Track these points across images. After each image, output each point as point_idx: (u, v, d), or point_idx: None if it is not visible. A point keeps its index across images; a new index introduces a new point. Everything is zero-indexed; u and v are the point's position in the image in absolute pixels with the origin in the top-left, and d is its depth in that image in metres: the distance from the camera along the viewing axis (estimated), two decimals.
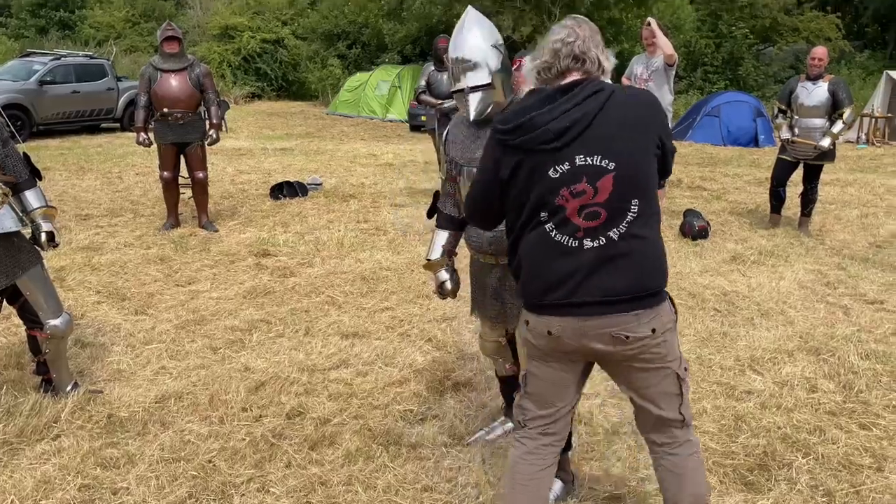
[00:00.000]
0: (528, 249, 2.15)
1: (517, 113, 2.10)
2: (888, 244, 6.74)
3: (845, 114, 6.72)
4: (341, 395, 3.64)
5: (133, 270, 5.62)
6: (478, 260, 2.92)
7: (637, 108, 2.10)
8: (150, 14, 25.74)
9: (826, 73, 6.84)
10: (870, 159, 13.17)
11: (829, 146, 6.75)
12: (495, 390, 3.58)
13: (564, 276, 2.09)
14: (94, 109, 14.61)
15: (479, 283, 2.95)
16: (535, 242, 2.13)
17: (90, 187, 8.95)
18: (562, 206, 2.07)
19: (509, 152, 2.11)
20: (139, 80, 6.70)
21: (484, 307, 2.96)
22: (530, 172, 2.08)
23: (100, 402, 3.54)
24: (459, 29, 2.65)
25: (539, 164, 2.07)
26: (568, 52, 2.11)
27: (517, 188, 2.12)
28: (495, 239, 2.73)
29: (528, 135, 2.05)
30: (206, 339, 4.36)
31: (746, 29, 21.34)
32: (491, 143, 2.19)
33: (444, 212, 3.00)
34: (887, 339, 4.41)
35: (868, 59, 22.80)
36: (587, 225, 2.06)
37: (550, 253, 2.10)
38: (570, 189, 2.05)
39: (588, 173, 2.04)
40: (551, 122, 2.03)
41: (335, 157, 12.05)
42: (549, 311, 2.13)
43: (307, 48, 24.32)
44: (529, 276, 2.17)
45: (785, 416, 3.47)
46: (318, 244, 6.44)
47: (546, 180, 2.06)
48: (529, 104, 2.10)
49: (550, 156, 2.05)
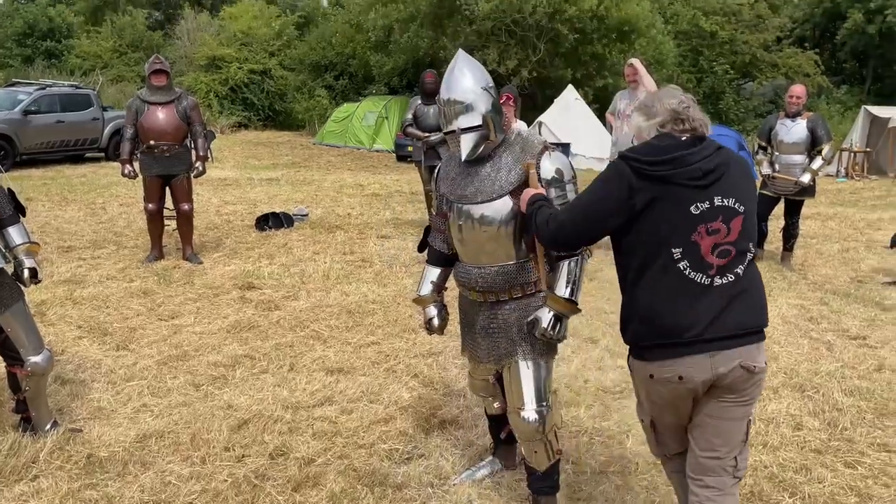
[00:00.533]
0: (654, 288, 2.21)
1: (660, 149, 2.22)
2: (869, 279, 6.82)
3: (824, 150, 6.86)
4: (326, 434, 3.60)
5: (115, 304, 5.56)
6: (466, 297, 2.90)
7: (747, 165, 2.36)
8: (137, 44, 25.88)
9: (804, 110, 6.99)
10: (850, 193, 13.39)
11: (810, 182, 6.87)
12: (482, 428, 3.56)
13: (700, 312, 2.18)
14: (78, 139, 14.58)
15: (468, 321, 2.94)
16: (664, 280, 2.20)
17: (73, 218, 8.88)
18: (696, 243, 2.17)
19: (649, 183, 2.18)
20: (126, 112, 6.70)
21: (472, 345, 2.93)
22: (671, 206, 2.18)
23: (79, 441, 3.48)
24: (451, 71, 2.69)
25: (682, 198, 2.18)
26: (690, 114, 2.27)
27: (650, 220, 2.19)
28: (483, 275, 2.73)
29: (678, 169, 2.18)
30: (189, 375, 4.30)
31: (727, 64, 21.84)
32: (622, 172, 2.22)
33: (434, 248, 3.00)
34: (870, 376, 4.43)
35: (846, 94, 23.33)
36: (719, 262, 2.18)
37: (682, 290, 2.18)
38: (707, 226, 2.18)
39: (724, 213, 2.19)
40: (700, 162, 2.19)
41: (322, 188, 12.07)
42: (679, 352, 2.19)
43: (294, 79, 24.51)
44: (654, 316, 2.21)
45: (771, 454, 3.46)
46: (303, 276, 6.42)
47: (687, 215, 2.17)
48: (671, 144, 2.22)
49: (695, 193, 2.18)
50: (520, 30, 18.02)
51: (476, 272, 2.75)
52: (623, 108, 7.00)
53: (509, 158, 2.70)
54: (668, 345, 2.20)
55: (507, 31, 18.08)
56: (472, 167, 2.74)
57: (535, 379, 2.75)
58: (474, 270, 2.75)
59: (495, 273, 2.71)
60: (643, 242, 2.21)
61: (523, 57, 18.41)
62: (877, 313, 5.72)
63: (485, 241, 2.71)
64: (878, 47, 23.61)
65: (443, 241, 2.95)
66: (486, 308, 2.80)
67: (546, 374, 2.77)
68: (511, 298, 2.74)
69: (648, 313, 2.22)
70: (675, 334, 2.19)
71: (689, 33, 22.75)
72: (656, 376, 2.25)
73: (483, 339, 2.85)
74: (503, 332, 2.78)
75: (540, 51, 18.46)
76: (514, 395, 2.78)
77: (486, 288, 2.74)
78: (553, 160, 2.68)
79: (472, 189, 2.72)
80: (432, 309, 3.02)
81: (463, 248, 2.80)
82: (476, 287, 2.77)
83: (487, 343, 2.84)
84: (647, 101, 2.37)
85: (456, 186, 2.78)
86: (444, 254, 2.96)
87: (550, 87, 18.93)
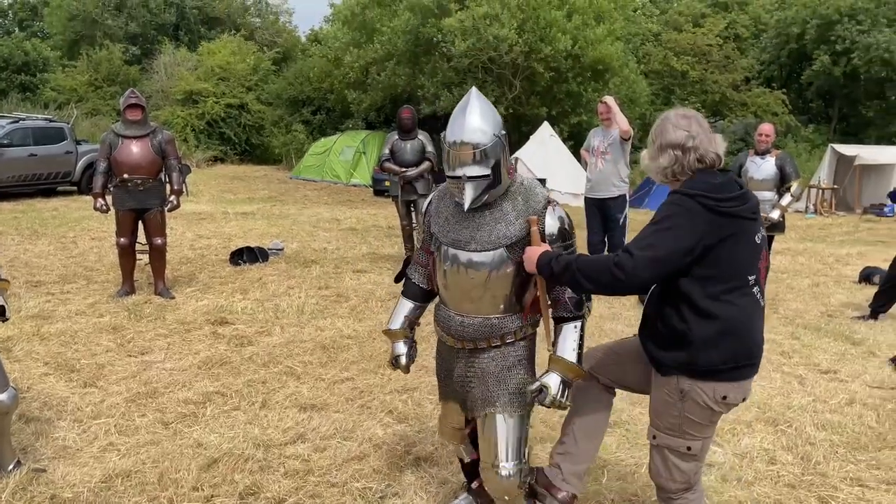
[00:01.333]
0: (736, 313, 2.33)
1: (725, 186, 2.32)
2: (839, 313, 6.92)
3: (793, 187, 7.02)
4: (298, 473, 3.53)
5: (84, 340, 5.45)
6: (444, 342, 2.78)
7: None
8: (114, 78, 25.83)
9: (773, 147, 7.16)
10: (818, 228, 13.65)
11: (779, 218, 7.00)
12: (457, 465, 3.51)
13: (760, 333, 2.43)
14: (51, 172, 14.43)
15: (445, 366, 2.80)
16: (745, 305, 2.35)
17: (43, 252, 8.74)
18: (758, 269, 2.38)
19: (724, 220, 2.28)
20: (100, 145, 6.65)
21: (448, 391, 2.81)
22: (744, 238, 2.32)
23: (43, 482, 3.37)
24: (463, 111, 2.48)
25: (749, 231, 2.34)
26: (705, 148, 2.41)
27: (728, 251, 2.29)
28: (465, 324, 2.62)
29: (745, 204, 2.33)
30: (158, 412, 4.21)
31: (698, 103, 22.35)
32: (697, 211, 2.27)
33: (412, 281, 2.89)
34: (842, 410, 4.47)
35: (813, 132, 23.92)
36: (763, 285, 2.41)
37: (757, 313, 2.39)
38: (762, 253, 2.40)
39: (764, 242, 2.43)
40: (752, 196, 2.37)
41: (297, 222, 12.03)
42: (749, 373, 2.41)
43: (272, 113, 24.59)
44: (735, 340, 2.34)
45: (746, 489, 3.46)
46: (277, 311, 6.35)
47: (754, 246, 2.36)
48: (725, 181, 2.35)
49: (754, 224, 2.36)
50: (496, 67, 18.31)
51: (458, 319, 2.63)
52: (596, 145, 7.11)
53: (511, 209, 2.55)
54: (747, 366, 2.40)
55: (484, 69, 18.36)
56: (470, 212, 2.56)
57: (512, 435, 2.62)
58: (456, 318, 2.63)
59: (479, 324, 2.60)
60: (726, 272, 2.31)
61: (500, 94, 18.68)
62: (847, 347, 5.79)
63: (470, 289, 2.58)
64: (844, 87, 24.33)
65: (422, 276, 2.85)
66: (463, 355, 2.69)
67: (523, 430, 2.65)
68: (490, 347, 2.62)
69: (729, 339, 2.34)
70: (753, 356, 2.40)
71: (660, 72, 23.32)
72: (730, 397, 2.39)
73: (460, 388, 2.73)
74: (480, 380, 2.65)
75: (516, 88, 18.75)
76: (488, 450, 2.64)
77: (464, 337, 2.63)
78: (556, 215, 2.56)
79: (466, 235, 2.57)
80: (401, 346, 2.90)
81: (447, 293, 2.68)
82: (455, 334, 2.66)
83: (463, 392, 2.72)
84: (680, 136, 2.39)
85: (449, 229, 2.61)
86: (422, 288, 2.86)
87: (527, 124, 19.20)
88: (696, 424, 2.42)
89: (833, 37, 22.65)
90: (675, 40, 23.52)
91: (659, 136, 2.43)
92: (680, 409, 2.41)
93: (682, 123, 2.41)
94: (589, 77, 19.24)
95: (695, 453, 2.47)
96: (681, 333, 2.36)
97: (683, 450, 2.46)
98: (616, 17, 19.38)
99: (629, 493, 3.38)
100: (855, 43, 22.08)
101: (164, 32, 29.65)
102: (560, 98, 19.51)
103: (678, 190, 2.35)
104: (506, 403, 2.62)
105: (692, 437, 2.44)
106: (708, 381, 2.37)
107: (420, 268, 2.87)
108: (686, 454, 2.47)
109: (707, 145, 2.38)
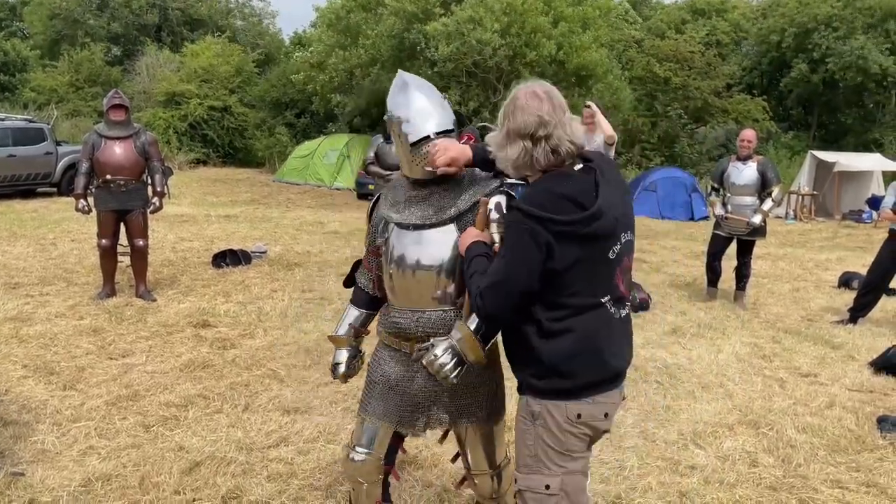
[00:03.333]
0: (585, 328, 2.07)
1: (573, 199, 1.99)
2: (819, 317, 7.00)
3: (774, 192, 7.14)
4: (281, 476, 3.50)
5: (63, 342, 5.38)
6: (398, 352, 2.50)
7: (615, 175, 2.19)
8: (95, 79, 25.59)
9: (755, 153, 7.26)
10: (798, 234, 13.81)
11: (761, 222, 7.10)
12: (441, 467, 3.51)
13: (618, 347, 2.15)
14: (31, 173, 14.26)
15: (394, 379, 2.51)
16: (594, 320, 2.08)
17: (21, 254, 8.63)
18: (616, 284, 2.11)
19: (571, 241, 1.98)
20: (82, 146, 6.58)
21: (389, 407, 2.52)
22: (593, 258, 2.03)
23: (21, 485, 3.32)
24: (402, 89, 2.43)
25: (602, 249, 2.05)
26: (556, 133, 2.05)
27: (572, 277, 2.02)
28: (421, 321, 2.42)
29: (597, 223, 1.99)
30: (139, 416, 4.16)
31: (681, 109, 22.51)
32: (537, 232, 1.97)
33: (359, 286, 2.75)
34: (822, 413, 4.52)
35: (793, 139, 24.20)
36: (626, 295, 2.16)
37: (608, 326, 2.11)
38: (621, 266, 2.11)
39: (627, 248, 2.13)
40: (610, 209, 2.02)
41: (280, 225, 11.97)
42: (603, 389, 2.12)
43: (255, 116, 24.46)
44: (583, 358, 2.08)
45: (728, 491, 3.48)
46: (260, 314, 6.32)
47: (608, 262, 2.07)
48: (579, 190, 2.01)
49: (610, 240, 2.05)
50: (480, 72, 18.35)
51: (412, 316, 2.44)
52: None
53: (462, 186, 2.44)
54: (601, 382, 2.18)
55: (468, 73, 18.39)
56: (425, 190, 2.44)
57: (499, 440, 2.62)
58: (412, 315, 2.44)
59: (436, 318, 2.41)
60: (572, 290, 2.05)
61: (484, 98, 18.72)
62: (827, 351, 5.86)
63: (422, 278, 2.41)
64: (823, 95, 24.65)
65: (368, 281, 2.70)
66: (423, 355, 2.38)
67: (501, 433, 2.63)
68: None
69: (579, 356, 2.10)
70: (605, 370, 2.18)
71: (643, 79, 23.46)
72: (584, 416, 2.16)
73: (421, 400, 2.50)
74: (448, 392, 2.46)
75: (500, 92, 18.80)
76: (480, 460, 2.62)
77: (427, 334, 2.41)
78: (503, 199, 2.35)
79: (417, 213, 2.44)
80: (343, 353, 2.75)
81: (397, 286, 2.48)
82: (416, 333, 2.43)
83: (424, 405, 2.50)
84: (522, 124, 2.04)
85: (401, 210, 2.47)
86: (369, 294, 2.70)
87: None
88: (552, 452, 2.13)
89: (810, 44, 22.96)
90: (658, 47, 23.71)
91: (506, 120, 2.08)
92: (534, 434, 2.15)
93: (531, 106, 2.03)
94: (573, 83, 19.32)
95: (554, 492, 2.13)
96: (526, 351, 2.13)
97: (542, 489, 2.14)
98: (601, 25, 19.50)
99: (612, 496, 3.39)
100: (830, 50, 22.39)
101: (147, 33, 29.44)
102: None
103: (517, 205, 2.04)
104: (484, 417, 2.54)
105: (549, 471, 2.14)
106: (554, 399, 2.12)
107: (367, 272, 2.71)
108: (543, 495, 2.14)
109: (561, 132, 2.02)
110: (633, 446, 3.91)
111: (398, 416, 2.53)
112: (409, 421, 2.54)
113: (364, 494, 2.61)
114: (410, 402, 2.51)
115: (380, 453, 2.58)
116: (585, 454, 2.20)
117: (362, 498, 2.62)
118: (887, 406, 4.68)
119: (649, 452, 3.88)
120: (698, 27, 25.33)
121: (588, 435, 2.16)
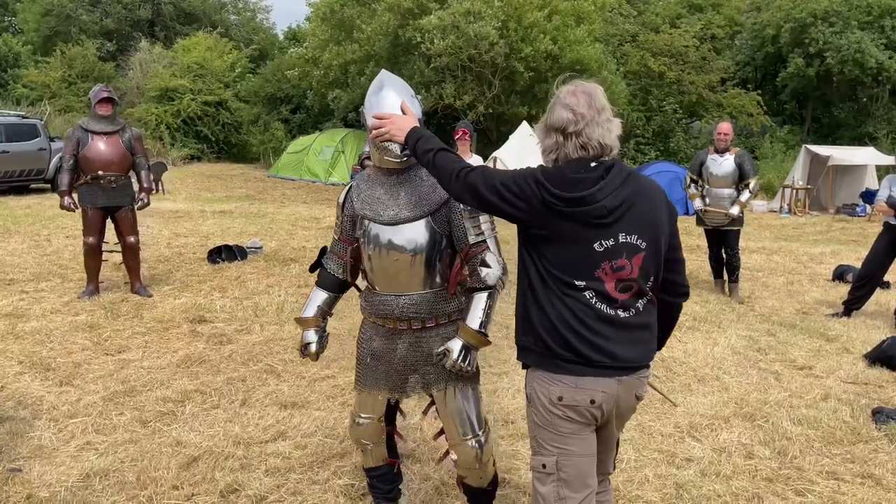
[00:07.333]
0: (560, 310, 2.15)
1: (574, 183, 2.10)
2: (813, 311, 7.03)
3: (751, 184, 7.32)
4: (279, 470, 3.51)
5: (59, 338, 5.37)
6: (381, 328, 2.74)
7: (660, 195, 2.25)
8: (88, 74, 25.44)
9: (732, 146, 7.37)
10: (793, 228, 13.84)
11: (739, 213, 7.21)
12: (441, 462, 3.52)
13: (606, 340, 2.15)
14: (24, 170, 14.22)
15: (379, 350, 2.76)
16: (572, 306, 2.15)
17: (16, 250, 8.60)
18: (601, 279, 2.14)
19: (558, 217, 2.10)
20: (66, 142, 6.48)
21: (377, 376, 2.78)
22: (575, 242, 2.12)
23: (18, 481, 3.32)
24: (378, 87, 2.63)
25: (587, 236, 2.11)
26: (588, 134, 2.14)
27: (554, 251, 2.14)
28: (401, 304, 2.64)
29: (584, 207, 2.08)
30: (136, 411, 4.16)
31: (675, 104, 22.51)
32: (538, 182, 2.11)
33: (327, 271, 2.89)
34: (817, 405, 4.54)
35: (788, 133, 24.21)
36: (622, 297, 2.17)
37: (590, 316, 2.15)
38: (611, 263, 2.13)
39: (627, 250, 2.14)
40: (606, 199, 2.09)
41: (276, 220, 11.96)
42: (593, 373, 2.16)
43: (250, 111, 24.37)
44: (563, 335, 2.15)
45: (724, 483, 3.50)
46: (256, 310, 6.31)
47: (591, 253, 2.12)
48: (583, 178, 2.11)
49: (599, 231, 2.11)
50: (476, 66, 18.32)
51: (393, 300, 2.65)
52: None
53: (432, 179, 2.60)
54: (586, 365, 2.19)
55: (463, 68, 18.36)
56: (395, 187, 2.64)
57: (474, 407, 2.74)
58: (390, 299, 2.66)
59: (416, 301, 2.64)
60: (546, 269, 2.16)
61: (479, 93, 18.68)
62: (821, 344, 5.88)
63: (400, 266, 2.62)
64: (817, 89, 24.66)
65: (337, 266, 2.86)
66: (408, 336, 2.69)
67: (477, 402, 2.76)
68: (437, 325, 2.67)
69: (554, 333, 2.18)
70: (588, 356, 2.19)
71: (638, 73, 23.43)
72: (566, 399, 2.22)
73: (401, 367, 2.73)
74: (426, 361, 2.68)
75: (495, 87, 18.77)
76: (455, 427, 2.74)
77: (404, 316, 2.65)
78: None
79: (391, 206, 2.63)
80: (312, 334, 2.88)
81: (377, 275, 2.70)
82: (400, 315, 2.66)
83: (405, 373, 2.73)
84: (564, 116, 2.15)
85: (374, 206, 2.66)
86: (337, 278, 2.87)
87: (505, 123, 19.22)
88: (544, 432, 2.23)
89: (807, 39, 22.96)
90: (653, 41, 23.68)
91: (548, 114, 2.20)
92: (530, 417, 2.30)
93: (569, 102, 2.15)
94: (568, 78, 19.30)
95: (550, 471, 2.21)
96: (521, 318, 2.28)
97: (540, 468, 2.25)
98: (595, 19, 19.48)
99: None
100: (828, 44, 22.41)
101: (140, 29, 29.31)
102: (540, 98, 19.54)
103: (535, 168, 2.20)
104: (456, 380, 2.69)
105: (546, 451, 2.23)
106: (537, 372, 2.23)
107: (336, 258, 2.87)
108: (542, 474, 2.24)
109: (592, 131, 2.12)
110: (630, 439, 3.92)
111: (387, 382, 2.78)
112: (398, 386, 2.77)
113: (371, 454, 2.96)
114: (395, 370, 2.75)
115: (379, 416, 2.86)
116: (582, 437, 2.22)
117: (370, 457, 2.97)
118: (882, 398, 4.71)
119: (646, 445, 3.90)
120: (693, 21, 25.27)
121: (572, 418, 2.19)
